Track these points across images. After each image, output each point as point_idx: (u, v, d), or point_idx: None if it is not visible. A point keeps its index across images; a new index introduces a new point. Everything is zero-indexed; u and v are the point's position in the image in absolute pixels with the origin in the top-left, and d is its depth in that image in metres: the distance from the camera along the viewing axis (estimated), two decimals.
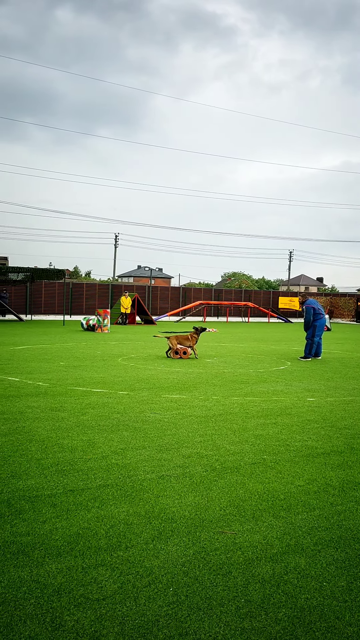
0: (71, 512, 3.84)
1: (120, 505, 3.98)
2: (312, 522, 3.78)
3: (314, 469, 4.93)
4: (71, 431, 6.03)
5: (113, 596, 2.83)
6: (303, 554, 3.34)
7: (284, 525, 3.72)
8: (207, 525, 3.68)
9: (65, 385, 8.98)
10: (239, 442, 5.79)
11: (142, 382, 9.60)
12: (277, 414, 7.20)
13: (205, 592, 2.89)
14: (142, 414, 7.01)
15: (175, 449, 5.45)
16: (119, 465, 4.87)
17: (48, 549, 3.31)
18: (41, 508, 3.90)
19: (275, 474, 4.78)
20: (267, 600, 2.84)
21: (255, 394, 8.73)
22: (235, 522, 3.76)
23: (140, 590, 2.89)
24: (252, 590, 2.92)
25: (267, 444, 5.74)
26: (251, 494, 4.26)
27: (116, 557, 3.23)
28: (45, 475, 4.57)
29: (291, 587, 2.97)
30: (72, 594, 2.84)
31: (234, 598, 2.85)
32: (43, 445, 5.46)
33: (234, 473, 4.76)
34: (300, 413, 7.33)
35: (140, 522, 3.72)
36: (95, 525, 3.64)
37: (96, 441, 5.65)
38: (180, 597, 2.84)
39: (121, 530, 3.59)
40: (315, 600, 2.86)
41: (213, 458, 5.17)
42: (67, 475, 4.60)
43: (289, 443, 5.79)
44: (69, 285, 38.37)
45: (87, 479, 4.52)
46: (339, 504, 4.13)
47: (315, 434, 6.20)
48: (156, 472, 4.73)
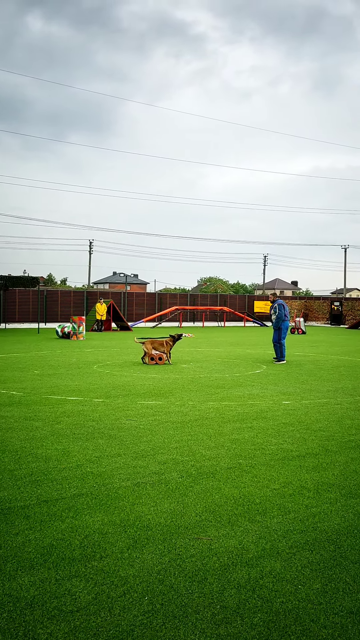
0: (45, 523, 3.78)
1: (95, 515, 3.94)
2: (287, 525, 3.80)
3: (289, 472, 4.96)
4: (45, 440, 5.95)
5: (87, 607, 2.79)
6: (278, 557, 3.35)
7: (260, 530, 3.72)
8: (183, 532, 3.67)
9: (39, 394, 8.87)
10: (215, 447, 5.78)
11: (118, 389, 9.55)
12: (252, 418, 7.23)
13: (181, 599, 2.88)
14: (118, 421, 6.97)
15: (151, 455, 5.43)
16: (94, 474, 4.83)
17: (21, 561, 3.25)
18: (14, 520, 3.83)
19: (250, 478, 4.78)
20: (243, 605, 2.83)
21: (231, 398, 8.75)
22: (211, 527, 3.75)
23: (115, 600, 2.86)
24: (227, 596, 2.91)
25: (242, 448, 5.75)
26: (227, 499, 4.26)
27: (90, 568, 3.19)
28: (19, 486, 4.50)
29: (267, 591, 2.97)
30: (46, 606, 2.79)
31: (210, 604, 2.83)
32: (16, 455, 5.38)
33: (210, 478, 4.75)
34: (275, 416, 7.37)
35: (116, 530, 3.68)
36: (69, 536, 3.59)
37: (71, 450, 5.59)
38: (155, 606, 2.81)
39: (96, 539, 3.55)
40: (290, 603, 2.86)
41: (189, 464, 5.16)
42: (41, 485, 4.53)
43: (264, 447, 5.81)
44: (43, 292, 38.04)
45: (62, 488, 4.46)
46: (313, 506, 4.16)
47: (291, 437, 6.24)
48: (132, 479, 4.70)
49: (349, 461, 5.33)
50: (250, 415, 7.40)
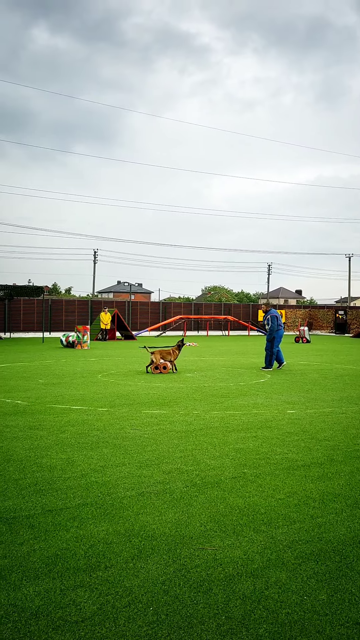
0: (50, 533, 3.78)
1: (100, 524, 3.93)
2: (292, 536, 3.78)
3: (294, 482, 4.94)
4: (50, 450, 5.96)
5: (92, 618, 2.78)
6: (284, 568, 3.33)
7: (265, 540, 3.71)
8: (188, 542, 3.65)
9: (44, 403, 8.88)
10: (220, 456, 5.77)
11: (122, 398, 9.55)
12: (257, 427, 7.21)
13: (186, 610, 2.86)
14: (122, 430, 6.96)
15: (155, 465, 5.42)
16: (98, 483, 4.82)
17: (26, 571, 3.25)
18: (19, 530, 3.83)
19: (255, 487, 4.77)
20: (248, 616, 2.82)
21: (236, 407, 8.74)
22: (215, 537, 3.73)
23: (119, 610, 2.85)
24: (232, 607, 2.90)
25: (247, 457, 5.73)
26: (232, 509, 4.24)
27: (95, 578, 3.18)
28: (24, 496, 4.50)
29: (272, 602, 2.95)
30: (50, 616, 2.79)
31: (215, 615, 2.82)
32: (21, 464, 5.38)
33: (215, 488, 4.74)
34: (280, 426, 7.35)
35: (120, 540, 3.67)
36: (74, 546, 3.58)
37: (75, 459, 5.58)
38: (160, 617, 2.80)
39: (100, 549, 3.54)
40: (296, 614, 2.84)
41: (193, 473, 5.15)
42: (45, 495, 4.53)
43: (269, 456, 5.79)
44: (48, 302, 38.14)
45: (66, 498, 4.46)
46: (319, 516, 4.14)
47: (296, 447, 6.22)
48: (136, 489, 4.69)
49: (355, 471, 5.31)
50: (255, 425, 7.38)
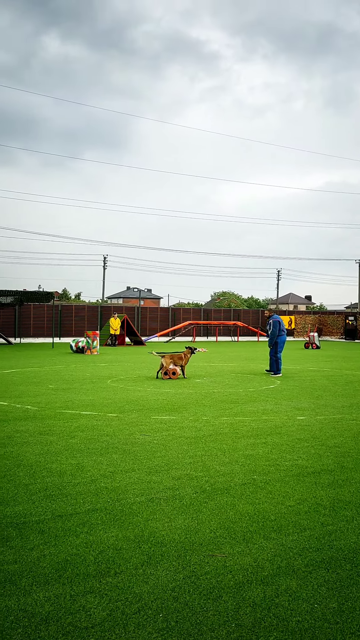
0: (59, 538, 3.78)
1: (109, 530, 3.93)
2: (303, 543, 3.76)
3: (304, 489, 4.91)
4: (60, 455, 5.97)
5: (102, 624, 2.78)
6: (294, 575, 3.32)
7: (275, 547, 3.69)
8: (197, 549, 3.65)
9: (54, 409, 8.91)
10: (229, 462, 5.76)
11: (132, 403, 9.55)
12: (267, 434, 7.19)
13: (196, 617, 2.86)
14: (132, 436, 6.97)
15: (165, 471, 5.41)
16: (108, 489, 4.82)
17: (36, 576, 3.26)
18: (29, 535, 3.84)
19: (265, 494, 4.75)
20: (258, 624, 2.80)
21: (245, 413, 8.71)
22: (225, 544, 3.72)
23: (129, 617, 2.85)
24: (243, 614, 2.88)
25: (257, 464, 5.71)
26: (241, 516, 4.23)
27: (105, 584, 3.18)
28: (34, 501, 4.51)
29: (282, 610, 2.94)
30: (60, 622, 2.79)
31: (225, 623, 2.81)
32: (31, 470, 5.40)
33: (224, 494, 4.72)
34: (290, 432, 7.32)
35: (130, 546, 3.67)
36: (83, 551, 3.59)
37: (85, 465, 5.59)
38: (170, 623, 2.79)
39: (110, 555, 3.54)
40: (306, 622, 2.83)
41: (203, 479, 5.14)
42: (55, 500, 4.54)
43: (279, 463, 5.77)
44: (57, 307, 38.30)
45: (76, 503, 4.47)
46: (329, 524, 4.11)
47: (306, 453, 6.19)
48: (146, 495, 4.69)
49: None
50: (265, 431, 7.36)
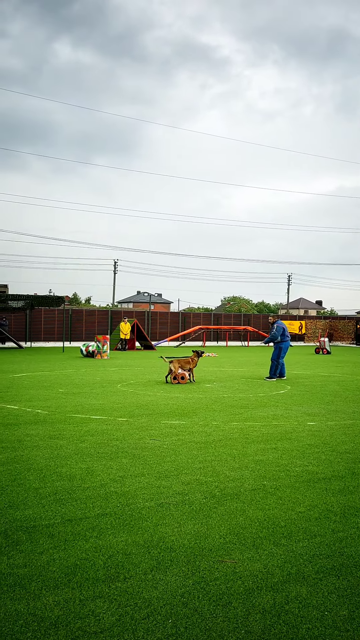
0: (69, 543, 3.79)
1: (119, 535, 3.93)
2: (313, 550, 3.73)
3: (314, 495, 4.88)
4: (70, 459, 5.98)
5: (111, 629, 2.78)
6: (304, 582, 3.29)
7: (285, 553, 3.67)
8: (207, 554, 3.63)
9: (64, 413, 8.94)
10: (239, 468, 5.74)
11: (142, 408, 9.56)
12: (277, 439, 7.16)
13: (205, 623, 2.84)
14: (141, 440, 6.97)
15: (174, 475, 5.41)
16: (117, 494, 4.82)
17: (45, 580, 3.26)
18: (39, 539, 3.85)
19: (275, 500, 4.73)
20: (268, 630, 2.79)
21: (255, 418, 8.68)
22: (235, 550, 3.71)
23: (138, 622, 2.84)
24: (252, 621, 2.87)
25: (267, 469, 5.69)
26: (251, 521, 4.21)
27: (114, 589, 3.18)
28: (43, 505, 4.52)
29: (292, 617, 2.92)
30: (70, 627, 2.79)
31: (234, 629, 2.79)
32: (41, 474, 5.41)
33: (234, 500, 4.71)
34: (300, 437, 7.28)
35: (139, 551, 3.67)
36: (93, 556, 3.59)
37: (95, 469, 5.60)
38: (179, 629, 2.78)
39: (119, 560, 3.54)
40: (316, 630, 2.80)
41: (213, 485, 5.12)
42: (65, 504, 4.55)
43: (289, 468, 5.74)
44: (68, 311, 38.45)
45: (86, 507, 4.47)
46: (340, 530, 4.08)
47: (316, 459, 6.15)
48: (155, 499, 4.68)
49: None
50: (275, 436, 7.33)
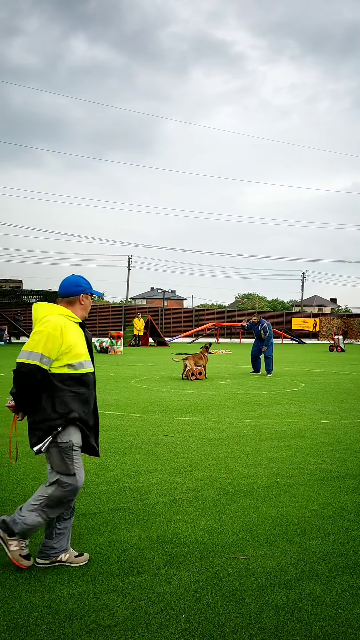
0: (83, 537, 3.82)
1: (132, 530, 3.96)
2: (327, 548, 3.73)
3: (328, 493, 4.87)
4: (83, 454, 6.01)
5: (125, 622, 2.80)
6: (318, 580, 3.29)
7: (298, 551, 3.67)
8: (220, 551, 3.64)
9: None
10: (252, 465, 5.74)
11: (155, 404, 9.58)
12: (290, 437, 7.14)
13: (218, 619, 2.85)
14: (155, 436, 6.99)
15: (187, 472, 5.42)
16: (131, 489, 4.85)
17: (60, 574, 3.29)
18: None
19: (289, 497, 4.72)
20: (281, 627, 2.79)
21: (269, 416, 8.67)
22: (248, 547, 3.71)
23: (152, 616, 2.86)
24: (265, 618, 2.87)
25: (280, 467, 5.68)
26: (265, 519, 4.21)
27: (128, 583, 3.20)
28: None
29: (305, 614, 2.92)
30: (84, 620, 2.82)
31: (247, 625, 2.80)
32: None
33: (247, 497, 4.71)
34: (314, 435, 7.26)
35: (153, 546, 3.69)
36: (107, 550, 3.62)
37: (108, 464, 5.63)
38: (192, 624, 2.80)
39: (133, 555, 3.56)
40: (330, 627, 2.80)
41: (226, 481, 5.13)
42: (79, 499, 4.58)
43: (302, 466, 5.73)
44: None
45: (99, 502, 4.50)
46: (354, 528, 4.07)
47: (330, 457, 6.13)
48: (168, 495, 4.70)
49: None
50: (288, 434, 7.31)
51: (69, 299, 3.52)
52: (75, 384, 3.34)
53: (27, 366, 3.21)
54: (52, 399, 3.28)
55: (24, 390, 3.25)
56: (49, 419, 3.26)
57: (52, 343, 3.24)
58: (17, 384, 3.26)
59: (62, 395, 3.29)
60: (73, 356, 3.32)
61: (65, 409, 3.28)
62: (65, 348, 3.28)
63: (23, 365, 3.22)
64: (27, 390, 3.25)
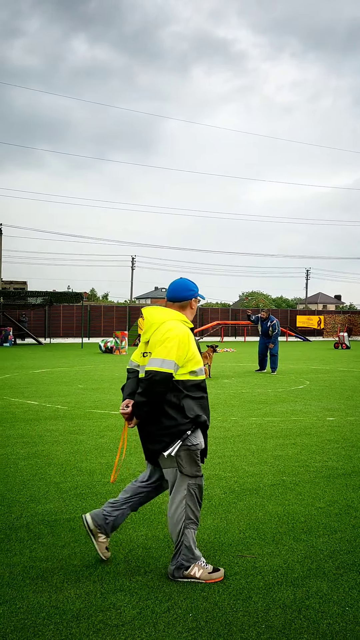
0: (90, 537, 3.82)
1: (139, 529, 3.96)
2: (333, 546, 3.72)
3: (334, 491, 4.86)
4: (89, 454, 6.03)
5: (132, 622, 2.80)
6: (325, 578, 3.29)
7: (305, 549, 3.66)
8: (227, 549, 3.64)
9: (83, 408, 9.01)
10: (258, 463, 5.73)
11: None
12: (296, 434, 7.13)
13: (225, 617, 2.85)
14: None
15: None
16: None
17: (67, 574, 3.30)
18: (60, 532, 3.89)
19: (295, 495, 4.71)
20: (289, 625, 2.79)
21: (274, 414, 8.66)
22: (254, 545, 3.71)
23: (159, 615, 2.86)
24: (273, 616, 2.87)
25: (286, 465, 5.67)
26: (271, 517, 4.21)
27: (135, 582, 3.21)
28: (64, 499, 4.57)
29: (313, 612, 2.92)
30: (91, 619, 2.82)
31: (255, 624, 2.80)
32: (62, 468, 5.47)
33: (253, 495, 4.71)
34: (319, 433, 7.24)
35: (159, 546, 3.69)
36: (113, 550, 3.62)
37: (114, 464, 5.63)
38: (200, 623, 2.80)
39: (140, 554, 3.56)
40: (337, 625, 2.80)
41: (232, 480, 5.13)
42: (85, 499, 4.59)
43: (308, 464, 5.72)
44: (86, 308, 38.68)
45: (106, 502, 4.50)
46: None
47: (336, 455, 6.12)
48: None
49: None
50: (294, 432, 7.30)
51: (181, 303, 3.50)
52: (196, 390, 3.32)
53: (161, 374, 3.17)
54: (180, 405, 3.24)
55: (155, 398, 3.21)
56: (180, 424, 3.24)
57: (182, 350, 3.23)
58: (148, 392, 3.19)
59: (188, 401, 3.26)
60: (196, 362, 3.31)
61: (193, 413, 3.26)
62: (190, 355, 3.28)
63: (157, 373, 3.17)
64: (158, 398, 3.21)
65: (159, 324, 3.31)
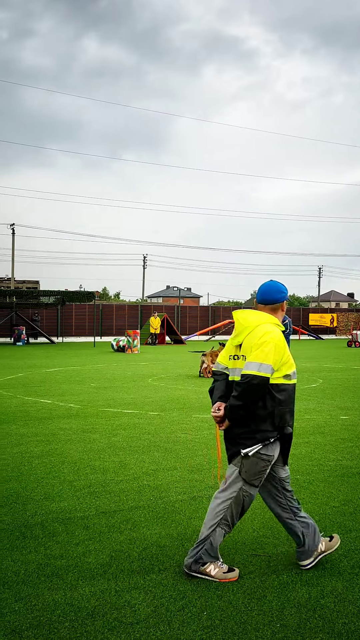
0: (104, 535, 3.84)
1: (153, 527, 3.97)
2: (348, 545, 3.70)
3: (349, 490, 4.83)
4: (103, 453, 6.05)
5: (147, 620, 2.81)
6: (340, 577, 3.27)
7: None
8: (241, 548, 3.64)
9: (96, 407, 9.04)
10: None
11: (173, 402, 9.59)
12: (309, 433, 7.10)
13: (240, 616, 2.85)
14: (173, 434, 7.00)
15: (206, 469, 5.42)
16: (150, 487, 4.86)
17: (82, 571, 3.32)
18: (74, 530, 3.91)
19: (309, 494, 4.69)
20: (304, 625, 2.78)
21: None
22: (269, 544, 3.70)
23: (174, 614, 2.87)
24: (287, 615, 2.86)
25: (300, 463, 5.65)
26: None
27: (149, 580, 3.21)
28: (78, 497, 4.59)
29: (328, 611, 2.90)
30: (106, 617, 2.83)
31: (270, 622, 2.79)
32: (75, 467, 5.50)
33: None
34: (333, 432, 7.21)
35: (173, 544, 3.69)
36: (128, 548, 3.63)
37: (128, 462, 5.65)
38: (214, 622, 2.80)
39: (154, 552, 3.57)
40: (353, 625, 2.78)
41: None
42: (99, 497, 4.61)
43: (322, 463, 5.69)
44: (98, 307, 38.80)
45: (119, 500, 4.52)
46: None
47: (350, 453, 6.08)
48: (188, 493, 4.70)
49: None
50: (307, 430, 7.27)
51: (273, 305, 3.47)
52: (287, 394, 3.29)
53: (259, 378, 3.15)
54: (271, 410, 3.23)
55: (251, 402, 3.20)
56: (266, 431, 3.23)
57: (279, 354, 3.22)
58: (245, 396, 3.18)
59: (279, 407, 3.24)
60: (290, 366, 3.30)
61: (281, 422, 3.25)
62: (285, 358, 3.27)
63: (255, 377, 3.15)
64: (254, 401, 3.20)
65: (253, 327, 3.28)
